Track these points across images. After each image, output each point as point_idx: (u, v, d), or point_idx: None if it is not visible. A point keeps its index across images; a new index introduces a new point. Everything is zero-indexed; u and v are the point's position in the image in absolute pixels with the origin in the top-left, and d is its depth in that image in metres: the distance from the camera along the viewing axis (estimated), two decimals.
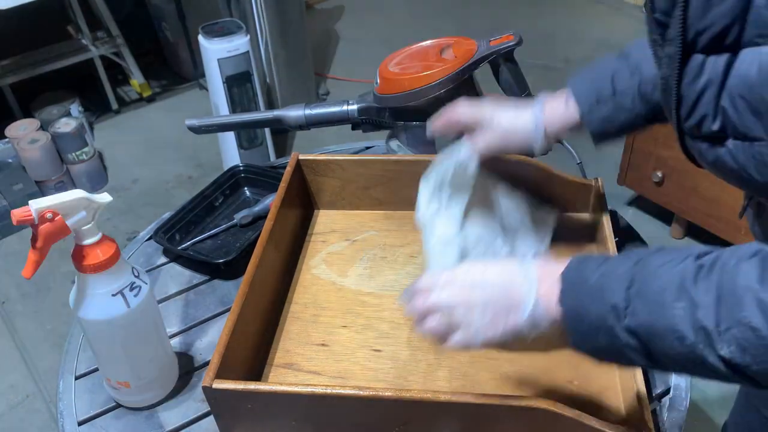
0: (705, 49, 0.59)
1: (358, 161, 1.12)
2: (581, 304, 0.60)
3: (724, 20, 0.57)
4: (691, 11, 0.58)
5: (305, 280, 1.04)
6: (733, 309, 0.52)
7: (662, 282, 0.56)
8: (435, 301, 0.68)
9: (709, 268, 0.55)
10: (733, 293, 0.52)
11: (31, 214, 0.70)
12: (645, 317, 0.56)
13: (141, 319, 0.82)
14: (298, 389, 0.75)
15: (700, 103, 0.61)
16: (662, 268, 0.57)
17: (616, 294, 0.58)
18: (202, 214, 1.20)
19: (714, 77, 0.59)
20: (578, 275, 0.62)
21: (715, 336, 0.52)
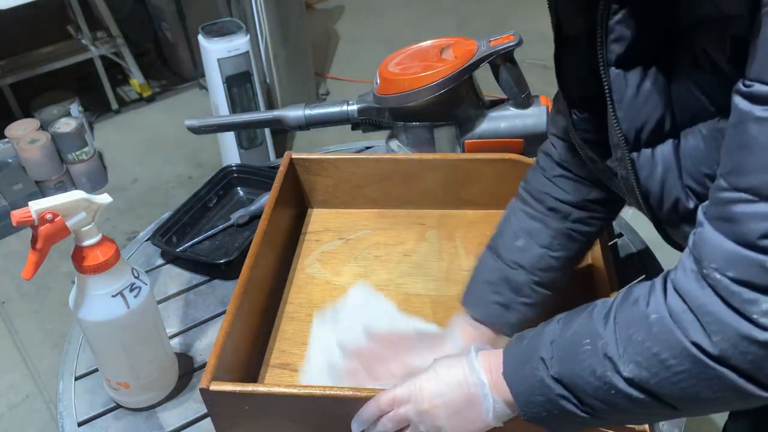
0: (649, 143, 0.63)
1: (351, 160, 1.12)
2: (518, 367, 0.64)
3: (655, 114, 0.61)
4: (621, 117, 0.62)
5: (300, 279, 1.04)
6: (626, 332, 0.56)
7: (573, 328, 0.61)
8: (402, 418, 0.70)
9: (609, 307, 0.59)
10: (625, 320, 0.57)
11: (30, 216, 0.70)
12: (564, 362, 0.60)
13: (141, 320, 0.82)
14: (295, 390, 0.75)
15: (666, 190, 0.64)
16: (575, 318, 0.62)
17: (543, 349, 0.62)
18: (197, 216, 1.20)
19: (668, 163, 0.63)
20: (515, 345, 0.66)
21: (617, 360, 0.56)
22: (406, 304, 0.98)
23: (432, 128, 1.15)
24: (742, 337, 0.50)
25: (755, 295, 0.49)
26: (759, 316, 0.49)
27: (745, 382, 0.51)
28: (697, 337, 0.52)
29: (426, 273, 1.04)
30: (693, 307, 0.52)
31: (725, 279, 0.50)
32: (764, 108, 0.47)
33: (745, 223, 0.49)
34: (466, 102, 1.12)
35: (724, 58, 0.53)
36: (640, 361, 0.55)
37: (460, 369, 0.68)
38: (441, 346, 0.83)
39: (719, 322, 0.51)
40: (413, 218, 1.14)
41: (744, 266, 0.49)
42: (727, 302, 0.50)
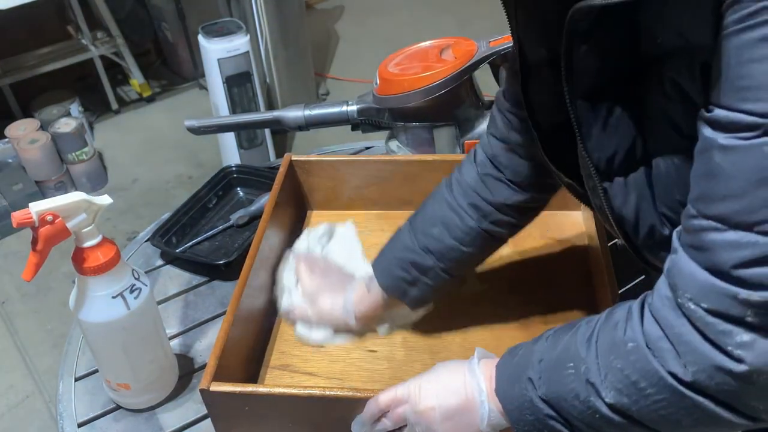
0: (621, 171, 0.63)
1: (350, 161, 1.12)
2: (509, 385, 0.64)
3: (625, 143, 0.61)
4: (591, 148, 0.62)
5: None
6: (606, 359, 0.56)
7: (559, 349, 0.61)
8: (401, 418, 0.70)
9: (592, 329, 0.59)
10: (605, 345, 0.57)
11: (31, 217, 0.70)
12: (551, 383, 0.60)
13: (141, 321, 0.82)
14: (295, 391, 0.75)
15: (641, 217, 0.64)
16: (562, 337, 0.62)
17: (531, 368, 0.62)
18: (197, 216, 1.20)
19: (642, 191, 0.62)
20: (507, 360, 0.66)
21: (599, 386, 0.56)
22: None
23: (432, 129, 1.15)
24: (717, 368, 0.49)
25: (729, 327, 0.48)
26: (734, 348, 0.48)
27: (723, 411, 0.51)
28: (673, 367, 0.51)
29: None
30: (669, 335, 0.52)
31: (699, 310, 0.50)
32: (726, 136, 0.46)
33: (717, 252, 0.48)
34: (466, 102, 1.12)
35: (694, 87, 0.52)
36: (621, 389, 0.55)
37: (460, 374, 0.68)
38: (336, 292, 0.92)
39: (695, 353, 0.50)
40: None
41: (718, 297, 0.48)
42: (702, 333, 0.50)
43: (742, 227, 0.47)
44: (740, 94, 0.45)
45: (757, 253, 0.46)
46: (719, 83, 0.47)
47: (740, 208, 0.47)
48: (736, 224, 0.47)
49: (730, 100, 0.46)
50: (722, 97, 0.47)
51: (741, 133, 0.46)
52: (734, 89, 0.46)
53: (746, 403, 0.50)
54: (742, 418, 0.51)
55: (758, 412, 0.51)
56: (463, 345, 0.92)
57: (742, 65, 0.45)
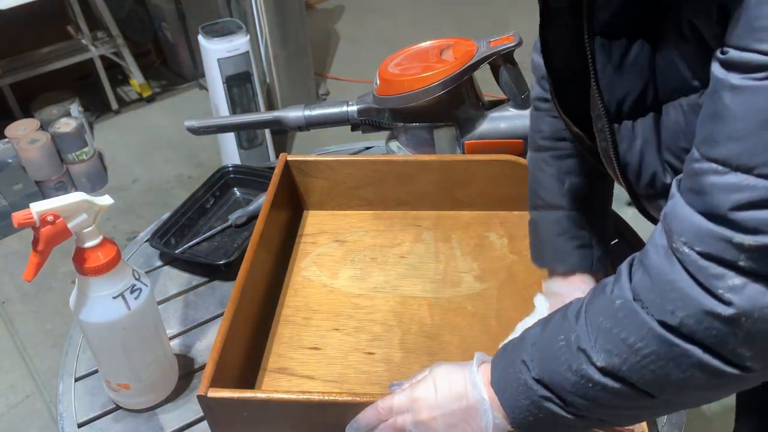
0: (630, 115, 0.63)
1: (346, 162, 1.12)
2: (503, 373, 0.64)
3: (637, 87, 0.61)
4: (604, 87, 0.62)
5: (296, 282, 1.04)
6: (595, 323, 0.57)
7: (549, 329, 0.62)
8: (398, 428, 0.70)
9: (581, 303, 0.60)
10: (594, 311, 0.58)
11: (32, 217, 0.70)
12: (543, 361, 0.61)
13: (141, 322, 0.82)
14: (294, 396, 0.75)
15: (645, 163, 0.65)
16: (552, 318, 0.62)
17: (524, 352, 0.63)
18: (195, 217, 1.20)
19: (648, 137, 0.63)
20: (501, 352, 0.67)
21: (590, 351, 0.57)
22: (402, 306, 0.98)
23: (432, 129, 1.15)
24: (706, 312, 0.50)
25: (722, 270, 0.49)
26: (724, 291, 0.49)
27: (710, 358, 0.51)
28: (661, 315, 0.52)
29: (422, 275, 1.04)
30: (660, 283, 0.52)
31: (693, 253, 0.50)
32: (740, 76, 0.47)
33: (715, 195, 0.48)
34: (466, 103, 1.12)
35: (710, 29, 0.52)
36: (610, 349, 0.55)
37: (460, 382, 0.67)
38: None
39: (685, 298, 0.51)
40: (409, 220, 1.14)
41: (712, 240, 0.49)
42: (693, 277, 0.50)
43: (743, 170, 0.47)
44: (755, 35, 0.45)
45: (755, 196, 0.46)
46: (736, 24, 0.47)
47: (742, 150, 0.47)
48: (737, 167, 0.47)
49: (745, 40, 0.46)
50: (737, 38, 0.47)
51: (753, 73, 0.46)
52: (750, 29, 0.46)
53: (734, 350, 0.50)
54: (730, 366, 0.51)
55: (745, 359, 0.51)
56: (461, 347, 0.92)
57: (761, 5, 0.45)
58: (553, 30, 0.70)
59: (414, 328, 0.95)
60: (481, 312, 0.96)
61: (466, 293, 1.00)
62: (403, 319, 0.96)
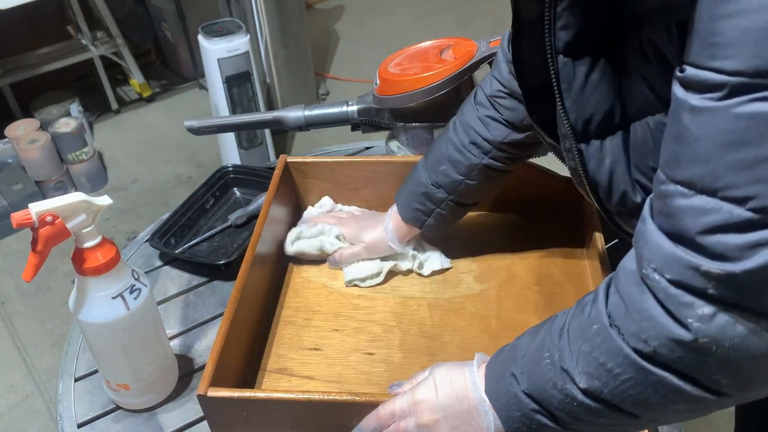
0: (598, 134, 0.62)
1: (346, 163, 1.12)
2: (496, 382, 0.64)
3: (603, 106, 0.61)
4: (569, 107, 0.62)
5: (296, 283, 1.04)
6: (576, 344, 0.57)
7: (537, 341, 0.61)
8: (403, 431, 0.70)
9: (566, 318, 0.60)
10: (575, 331, 0.57)
11: (31, 218, 0.70)
12: (531, 376, 0.60)
13: (141, 322, 0.82)
14: (293, 396, 0.75)
15: (614, 182, 0.64)
16: (540, 330, 0.62)
17: (514, 364, 0.62)
18: (194, 217, 1.20)
19: (617, 156, 0.62)
20: (494, 359, 0.67)
21: (573, 372, 0.56)
22: (402, 306, 0.98)
23: (432, 129, 1.15)
24: (676, 342, 0.49)
25: (691, 299, 0.48)
26: (693, 321, 0.48)
27: (686, 385, 0.51)
28: (635, 343, 0.51)
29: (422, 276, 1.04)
30: (632, 311, 0.52)
31: (663, 280, 0.49)
32: (698, 96, 0.46)
33: (682, 219, 0.47)
34: None
35: (671, 48, 0.51)
36: (591, 372, 0.55)
37: (461, 382, 0.67)
38: (376, 227, 1.01)
39: (656, 327, 0.50)
40: None
41: (681, 268, 0.48)
42: (663, 305, 0.49)
43: (707, 192, 0.46)
44: (710, 51, 0.44)
45: (720, 219, 0.45)
46: (692, 41, 0.46)
47: (705, 173, 0.46)
48: (701, 189, 0.46)
49: (701, 57, 0.45)
50: (693, 55, 0.46)
51: (710, 93, 0.45)
52: (705, 46, 0.45)
53: (708, 377, 0.50)
54: (707, 393, 0.51)
55: (722, 386, 0.50)
56: (461, 347, 0.92)
57: (714, 21, 0.44)
58: (524, 42, 0.70)
59: (414, 328, 0.95)
60: (481, 312, 0.96)
61: (465, 294, 1.00)
62: (403, 319, 0.96)
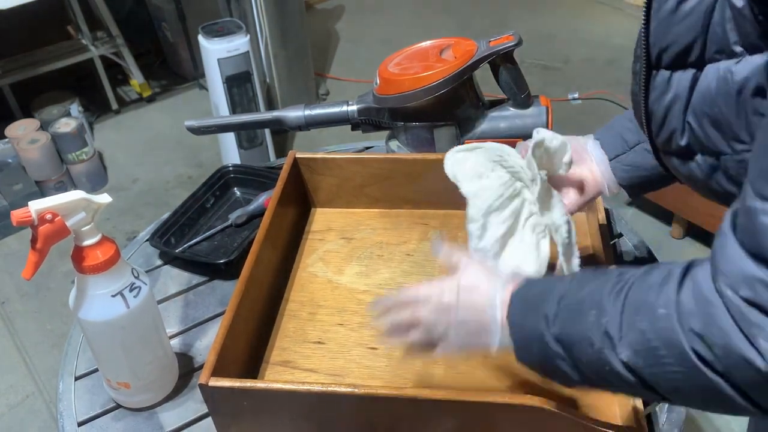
0: (670, 65, 0.61)
1: (354, 159, 1.12)
2: (522, 314, 0.64)
3: (686, 38, 0.58)
4: (653, 29, 0.60)
5: (302, 278, 1.04)
6: (631, 317, 0.55)
7: (584, 293, 0.59)
8: (418, 316, 0.70)
9: (624, 282, 0.57)
10: (634, 303, 0.55)
11: (30, 215, 0.70)
12: (567, 324, 0.59)
13: (141, 320, 0.82)
14: (294, 387, 0.75)
15: (669, 118, 0.63)
16: (590, 282, 0.60)
17: (549, 305, 0.61)
18: (195, 216, 1.20)
19: (680, 93, 0.61)
20: (525, 291, 0.65)
21: (617, 341, 0.55)
22: None
23: (432, 128, 1.15)
24: (743, 359, 0.48)
25: (764, 320, 0.46)
26: (764, 341, 0.46)
27: (739, 397, 0.50)
28: (698, 347, 0.50)
29: (428, 272, 1.04)
30: (702, 313, 0.51)
31: (737, 297, 0.48)
32: None
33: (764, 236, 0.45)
34: (466, 102, 1.12)
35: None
36: (639, 350, 0.54)
37: (482, 296, 0.67)
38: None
39: (725, 338, 0.49)
40: (416, 218, 1.14)
41: (758, 286, 0.46)
42: (735, 320, 0.48)
43: None
44: None
45: None
46: None
47: None
48: None
49: None
50: None
51: None
52: None
53: (762, 396, 0.49)
54: (756, 408, 0.50)
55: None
56: None
57: None
58: None
59: None
60: None
61: None
62: None
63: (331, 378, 0.88)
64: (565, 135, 0.88)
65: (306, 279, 1.04)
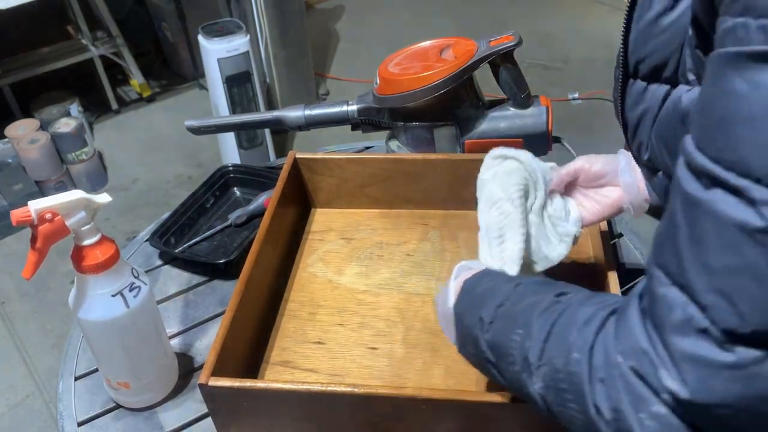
0: (646, 77, 0.60)
1: (355, 159, 1.12)
2: (464, 310, 0.65)
3: (662, 52, 0.58)
4: (632, 38, 0.59)
5: (302, 278, 1.04)
6: (551, 350, 0.53)
7: (520, 307, 0.58)
8: None
9: (558, 307, 0.55)
10: (558, 335, 0.53)
11: (30, 215, 0.70)
12: (498, 335, 0.59)
13: (141, 320, 0.82)
14: (294, 387, 0.75)
15: (639, 130, 0.63)
16: (530, 296, 0.59)
17: (487, 308, 0.61)
18: (195, 216, 1.20)
19: (652, 106, 0.60)
20: (473, 284, 0.66)
21: (534, 369, 0.54)
22: (406, 302, 0.99)
23: (432, 128, 1.15)
24: (629, 428, 0.46)
25: (648, 394, 0.44)
26: (645, 418, 0.45)
27: None
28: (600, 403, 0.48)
29: (428, 272, 1.04)
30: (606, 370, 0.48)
31: (625, 366, 0.46)
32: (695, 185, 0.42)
33: (658, 307, 0.44)
34: (466, 102, 1.12)
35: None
36: (550, 386, 0.53)
37: (445, 291, 0.71)
38: None
39: (616, 403, 0.47)
40: (416, 218, 1.14)
41: (644, 359, 0.45)
42: (625, 387, 0.46)
43: (679, 285, 0.43)
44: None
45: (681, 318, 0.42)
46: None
47: (676, 265, 0.43)
48: (674, 280, 0.44)
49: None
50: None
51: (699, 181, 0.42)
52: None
53: None
54: None
55: None
56: None
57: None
58: None
59: (417, 324, 0.95)
60: None
61: None
62: (407, 315, 0.97)
63: (331, 378, 0.88)
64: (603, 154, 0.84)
65: (306, 279, 1.04)
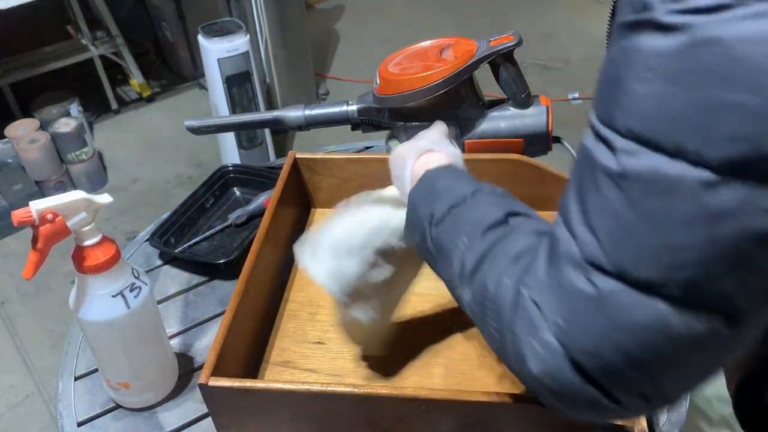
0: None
1: (355, 160, 1.12)
2: (419, 201, 0.67)
3: None
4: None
5: (301, 278, 1.04)
6: (485, 269, 0.56)
7: (471, 215, 0.61)
8: None
9: (506, 226, 0.58)
10: (495, 256, 0.56)
11: (31, 215, 0.70)
12: (444, 235, 0.61)
13: (141, 320, 0.82)
14: (294, 387, 0.75)
15: None
16: (482, 206, 0.61)
17: (441, 205, 0.63)
18: (194, 216, 1.20)
19: None
20: (434, 175, 0.68)
21: (466, 279, 0.57)
22: (406, 302, 0.98)
23: None
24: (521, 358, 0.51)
25: (540, 321, 0.48)
26: (537, 345, 0.49)
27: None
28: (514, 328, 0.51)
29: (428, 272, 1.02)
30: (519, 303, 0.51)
31: (526, 295, 0.50)
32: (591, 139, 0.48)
33: (554, 243, 0.49)
34: (466, 102, 1.12)
35: None
36: (477, 300, 0.56)
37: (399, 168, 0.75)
38: None
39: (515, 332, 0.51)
40: None
41: (542, 288, 0.49)
42: (526, 319, 0.50)
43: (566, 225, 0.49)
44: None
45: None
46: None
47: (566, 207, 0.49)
48: (564, 220, 0.49)
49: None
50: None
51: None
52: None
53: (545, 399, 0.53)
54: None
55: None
56: (464, 343, 0.92)
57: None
58: None
59: (417, 324, 0.95)
60: None
61: None
62: (407, 315, 0.96)
63: (331, 378, 0.88)
64: None
65: (306, 279, 1.04)
